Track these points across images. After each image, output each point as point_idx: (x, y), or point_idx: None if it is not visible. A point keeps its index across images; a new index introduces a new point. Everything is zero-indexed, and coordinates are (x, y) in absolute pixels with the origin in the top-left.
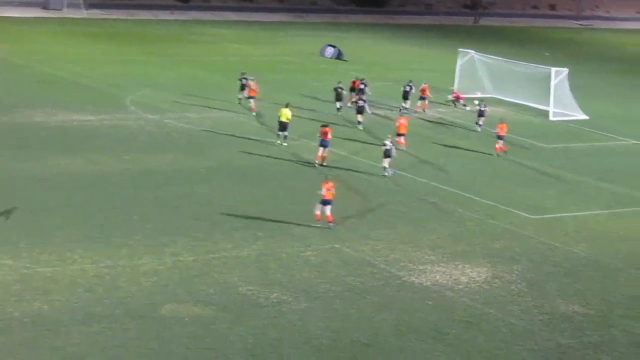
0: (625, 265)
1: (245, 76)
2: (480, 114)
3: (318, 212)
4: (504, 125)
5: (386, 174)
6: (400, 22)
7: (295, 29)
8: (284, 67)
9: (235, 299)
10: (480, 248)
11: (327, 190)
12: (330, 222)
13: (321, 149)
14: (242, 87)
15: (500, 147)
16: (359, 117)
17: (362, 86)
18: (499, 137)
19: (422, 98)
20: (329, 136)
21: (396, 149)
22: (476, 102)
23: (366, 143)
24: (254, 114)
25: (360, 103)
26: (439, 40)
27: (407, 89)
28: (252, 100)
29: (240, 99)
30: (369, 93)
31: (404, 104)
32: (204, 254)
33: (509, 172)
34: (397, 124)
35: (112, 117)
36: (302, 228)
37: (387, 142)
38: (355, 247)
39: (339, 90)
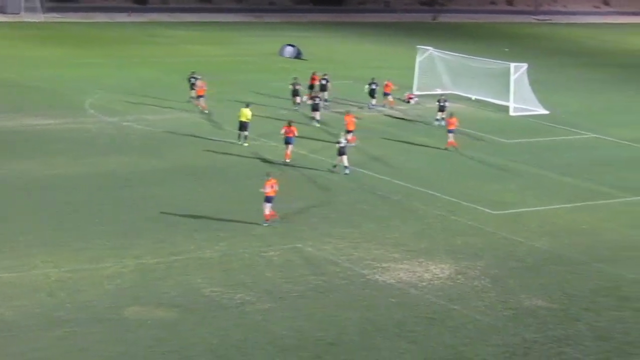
0: (587, 258)
1: (194, 75)
2: (441, 109)
3: (267, 212)
4: (454, 119)
5: (347, 172)
6: (359, 20)
7: (253, 29)
8: (243, 68)
9: (198, 300)
10: (443, 245)
11: (270, 187)
12: (271, 217)
13: (287, 146)
14: (192, 87)
15: (450, 142)
16: (316, 115)
17: (324, 82)
18: (449, 132)
19: (386, 94)
20: (294, 133)
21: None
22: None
23: (325, 141)
24: (205, 112)
25: (316, 100)
26: (398, 37)
27: (373, 87)
28: (201, 99)
29: (191, 97)
30: (330, 89)
31: (372, 102)
32: (166, 256)
33: (471, 168)
34: (346, 120)
35: (71, 121)
36: (264, 228)
37: (342, 140)
38: (318, 246)
39: (296, 86)
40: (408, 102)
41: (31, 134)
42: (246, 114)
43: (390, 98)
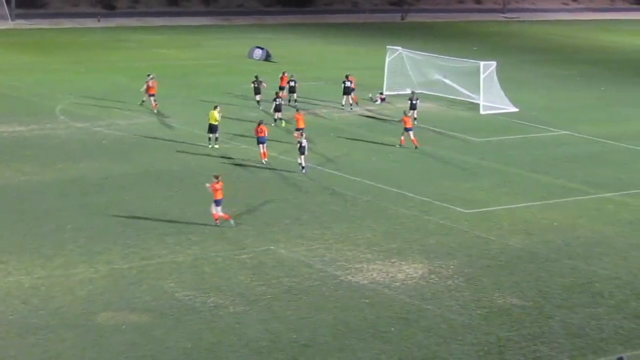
0: (559, 255)
1: (152, 77)
2: (412, 107)
3: (214, 212)
4: (409, 117)
5: (303, 171)
6: (328, 21)
7: (222, 32)
8: (212, 71)
9: (172, 304)
10: (416, 244)
11: (217, 190)
12: (220, 218)
13: (260, 146)
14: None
15: (413, 140)
16: (278, 115)
17: (292, 83)
18: (407, 130)
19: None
20: (265, 133)
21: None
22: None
23: (293, 144)
24: (155, 111)
25: (278, 101)
26: (367, 37)
27: (348, 84)
28: (152, 98)
29: (144, 100)
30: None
31: (345, 101)
32: (139, 260)
33: (442, 167)
34: (296, 118)
35: (42, 127)
36: (236, 231)
37: (302, 140)
38: (291, 248)
39: (256, 84)
40: (378, 101)
41: (1, 141)
42: (215, 116)
43: (352, 95)
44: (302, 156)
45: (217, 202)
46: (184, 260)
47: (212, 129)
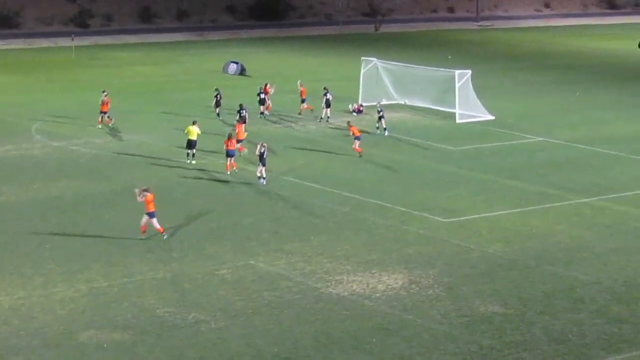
0: (539, 262)
1: (106, 94)
2: (380, 116)
3: (143, 224)
4: (355, 127)
5: (262, 182)
6: (302, 34)
7: (196, 48)
8: (187, 86)
9: (153, 321)
10: (396, 255)
11: (149, 202)
12: (162, 232)
13: (228, 159)
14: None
15: (357, 149)
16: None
17: (262, 95)
18: (356, 138)
19: (302, 100)
20: (235, 146)
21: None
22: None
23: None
24: (109, 125)
25: (243, 113)
26: (342, 49)
27: (329, 97)
28: (105, 115)
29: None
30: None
31: (327, 113)
32: (119, 278)
33: (420, 177)
34: (237, 130)
35: (18, 147)
36: (215, 246)
37: (262, 147)
38: (270, 262)
39: (218, 97)
40: (357, 113)
41: None
42: (193, 131)
43: (305, 105)
44: (263, 167)
45: (150, 215)
46: (164, 276)
47: (190, 144)
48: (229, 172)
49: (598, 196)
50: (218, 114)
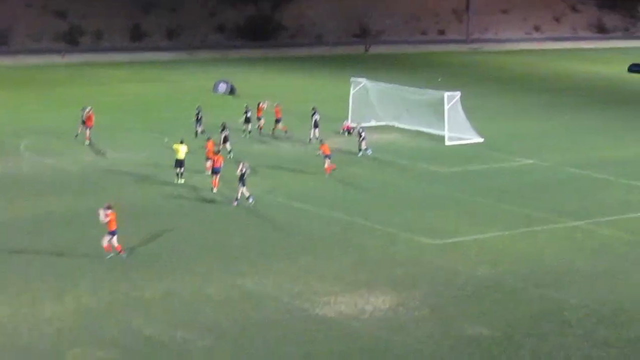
0: (527, 284)
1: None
2: (360, 138)
3: (105, 244)
4: (326, 145)
5: (243, 203)
6: (292, 54)
7: (186, 67)
8: (176, 105)
9: (140, 340)
10: (383, 276)
11: (111, 220)
12: (120, 251)
13: (214, 175)
14: (84, 121)
15: (329, 167)
16: (227, 146)
17: (248, 114)
18: (326, 157)
19: (277, 120)
20: (221, 163)
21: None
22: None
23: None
24: (87, 142)
25: (225, 132)
26: (331, 70)
27: (316, 117)
28: (88, 130)
29: (79, 134)
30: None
31: (315, 133)
32: (106, 296)
33: (408, 198)
34: (207, 148)
35: (6, 164)
36: (203, 265)
37: (243, 167)
38: (258, 281)
39: (199, 115)
40: (347, 133)
41: None
42: (181, 150)
43: (280, 125)
44: (243, 188)
45: (112, 233)
46: (152, 295)
47: (178, 163)
48: (215, 189)
49: (586, 219)
50: (197, 132)
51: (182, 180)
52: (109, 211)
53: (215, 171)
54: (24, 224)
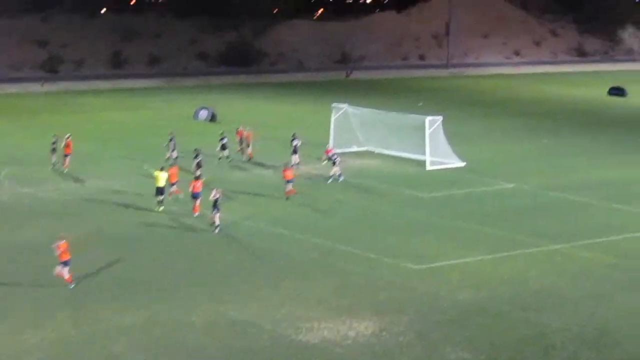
0: (510, 308)
1: (55, 139)
2: (333, 163)
3: (57, 272)
4: (289, 169)
5: (216, 231)
6: (273, 80)
7: (167, 94)
8: (158, 132)
9: None
10: (366, 301)
11: (62, 250)
12: (69, 282)
13: (194, 200)
14: (53, 150)
15: (289, 191)
16: (198, 171)
17: (224, 140)
18: (288, 182)
19: (247, 144)
20: (200, 189)
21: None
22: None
23: (235, 202)
24: (65, 170)
25: (199, 158)
26: (313, 96)
27: (295, 143)
28: (66, 158)
29: (53, 163)
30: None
31: (295, 159)
32: (88, 324)
33: (390, 223)
34: (170, 172)
35: None
36: (185, 292)
37: (216, 194)
38: (240, 309)
39: (172, 139)
40: (329, 159)
41: None
42: (161, 178)
43: (249, 150)
44: (217, 214)
45: (65, 263)
46: (134, 322)
47: (159, 191)
48: (196, 214)
49: (568, 242)
50: (169, 158)
51: (161, 208)
52: (61, 242)
53: (194, 196)
54: (5, 253)
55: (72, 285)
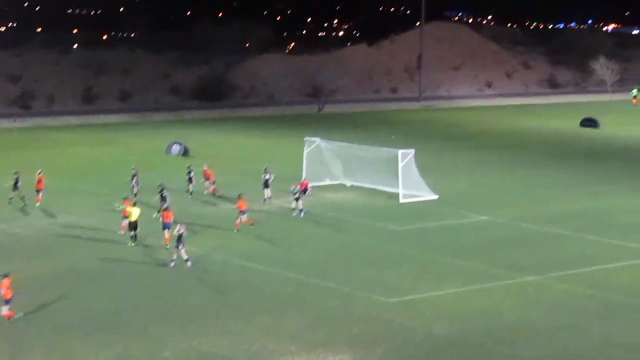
0: (483, 341)
1: (17, 175)
2: (297, 198)
3: (5, 312)
4: (242, 200)
5: (172, 264)
6: (245, 114)
7: (139, 129)
8: (129, 167)
9: None
10: (341, 335)
11: (5, 289)
12: (8, 318)
13: (165, 231)
14: (16, 185)
15: (244, 222)
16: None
17: (191, 174)
18: (242, 212)
19: (206, 180)
20: (171, 219)
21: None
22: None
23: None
24: (37, 204)
25: (164, 193)
26: (285, 129)
27: (267, 177)
28: (39, 193)
29: (11, 198)
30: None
31: (267, 193)
32: None
33: (364, 256)
34: (125, 205)
35: None
36: (157, 327)
37: (181, 229)
38: (213, 344)
39: (135, 175)
40: (303, 192)
41: None
42: (134, 213)
43: (212, 187)
44: (182, 249)
45: (7, 302)
46: (107, 359)
47: (132, 225)
48: (167, 245)
49: (542, 274)
50: (132, 193)
51: (134, 243)
52: (4, 279)
53: (165, 227)
54: None
55: (10, 322)
